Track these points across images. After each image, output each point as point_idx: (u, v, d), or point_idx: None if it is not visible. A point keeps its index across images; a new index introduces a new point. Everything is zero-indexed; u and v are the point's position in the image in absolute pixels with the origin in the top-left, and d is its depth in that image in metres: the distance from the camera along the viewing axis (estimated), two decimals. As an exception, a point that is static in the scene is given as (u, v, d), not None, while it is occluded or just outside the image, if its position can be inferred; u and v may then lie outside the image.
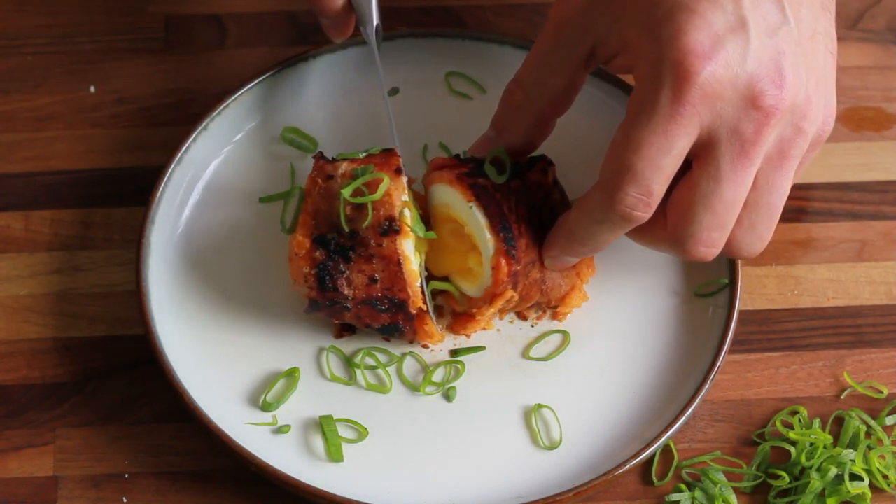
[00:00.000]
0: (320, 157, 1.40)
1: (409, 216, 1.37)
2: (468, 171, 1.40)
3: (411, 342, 1.43)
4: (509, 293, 1.38)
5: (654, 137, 1.25)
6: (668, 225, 1.31)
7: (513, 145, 1.41)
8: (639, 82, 1.28)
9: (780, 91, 1.26)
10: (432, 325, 1.41)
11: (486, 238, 1.38)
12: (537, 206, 1.40)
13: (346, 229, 1.36)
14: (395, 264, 1.36)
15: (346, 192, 1.36)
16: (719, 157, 1.27)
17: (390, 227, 1.35)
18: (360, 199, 1.36)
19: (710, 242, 1.30)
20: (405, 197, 1.38)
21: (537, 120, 1.40)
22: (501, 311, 1.43)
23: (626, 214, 1.28)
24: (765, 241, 1.33)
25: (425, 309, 1.39)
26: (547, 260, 1.39)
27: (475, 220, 1.38)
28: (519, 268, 1.37)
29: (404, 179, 1.38)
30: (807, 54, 1.28)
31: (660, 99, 1.25)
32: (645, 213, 1.28)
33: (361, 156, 1.39)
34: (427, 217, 1.42)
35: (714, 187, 1.27)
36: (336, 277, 1.36)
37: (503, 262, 1.37)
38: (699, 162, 1.28)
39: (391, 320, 1.38)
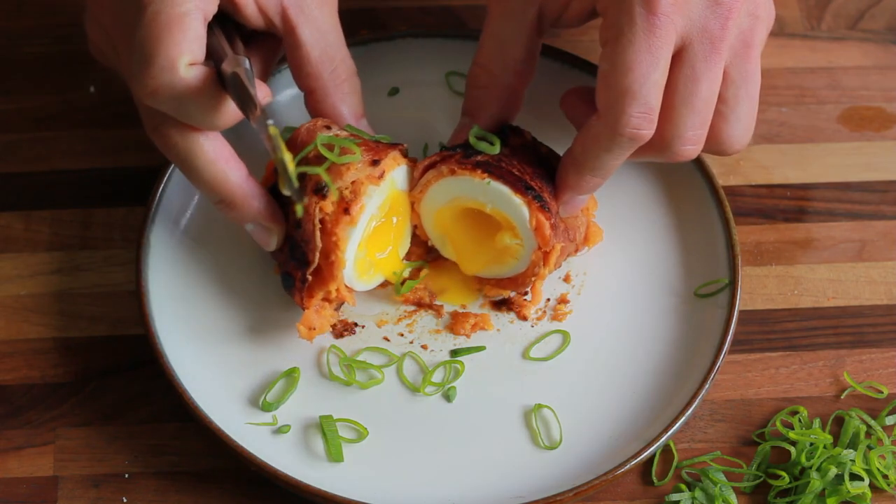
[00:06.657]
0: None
1: (377, 213, 1.38)
2: (463, 155, 1.40)
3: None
4: (558, 246, 1.39)
5: (641, 55, 1.30)
6: (655, 132, 1.35)
7: (489, 126, 1.43)
8: (606, 11, 1.32)
9: None
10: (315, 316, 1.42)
11: (515, 203, 1.38)
12: (535, 163, 1.41)
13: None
14: (311, 223, 1.37)
15: (309, 149, 1.37)
16: (693, 58, 1.33)
17: (320, 190, 1.36)
18: (317, 169, 1.33)
19: (695, 140, 1.35)
20: (380, 196, 1.38)
21: (507, 94, 1.43)
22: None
23: (634, 135, 1.32)
24: (751, 130, 1.39)
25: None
26: (561, 207, 1.41)
27: (497, 194, 1.39)
28: (554, 219, 1.38)
29: (384, 175, 1.38)
30: None
31: (635, 18, 1.30)
32: (650, 130, 1.33)
33: (367, 137, 1.41)
34: (424, 232, 1.44)
35: (693, 88, 1.33)
36: (285, 202, 1.39)
37: (542, 217, 1.38)
38: (674, 67, 1.33)
39: (290, 271, 1.39)
